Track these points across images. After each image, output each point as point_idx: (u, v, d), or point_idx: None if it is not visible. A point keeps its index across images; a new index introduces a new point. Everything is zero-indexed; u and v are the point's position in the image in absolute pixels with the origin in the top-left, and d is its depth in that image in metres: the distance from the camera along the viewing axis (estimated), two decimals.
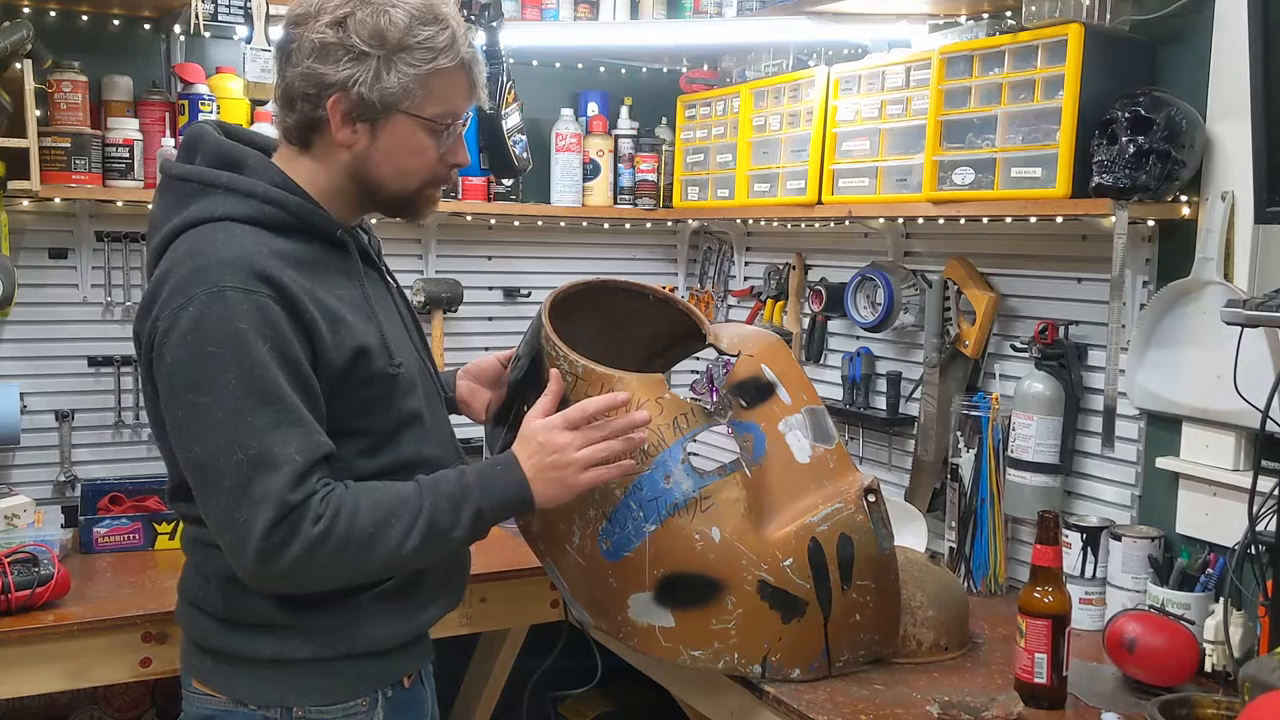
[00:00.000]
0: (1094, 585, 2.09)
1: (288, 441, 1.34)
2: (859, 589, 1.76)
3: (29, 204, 2.52)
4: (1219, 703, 1.60)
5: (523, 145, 2.58)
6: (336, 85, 1.41)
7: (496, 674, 2.77)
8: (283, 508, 1.32)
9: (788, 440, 1.79)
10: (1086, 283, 2.22)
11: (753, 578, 1.70)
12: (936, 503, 2.48)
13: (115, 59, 2.59)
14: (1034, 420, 2.18)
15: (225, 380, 1.33)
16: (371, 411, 1.48)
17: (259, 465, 1.33)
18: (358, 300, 1.49)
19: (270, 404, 1.34)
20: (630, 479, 1.66)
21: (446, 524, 1.43)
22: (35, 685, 2.04)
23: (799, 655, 1.76)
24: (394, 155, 1.47)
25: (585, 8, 2.88)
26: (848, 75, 2.47)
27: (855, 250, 2.78)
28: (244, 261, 1.36)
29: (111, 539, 2.41)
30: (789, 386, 1.83)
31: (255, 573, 1.36)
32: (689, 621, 1.72)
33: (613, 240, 3.27)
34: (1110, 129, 1.92)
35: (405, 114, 1.44)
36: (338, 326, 1.42)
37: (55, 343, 2.63)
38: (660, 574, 1.70)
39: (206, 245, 1.39)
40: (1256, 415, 1.73)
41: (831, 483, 1.79)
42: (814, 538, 1.72)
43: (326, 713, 1.49)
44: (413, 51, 1.42)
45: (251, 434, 1.33)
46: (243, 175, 1.45)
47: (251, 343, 1.34)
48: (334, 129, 1.44)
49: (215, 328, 1.34)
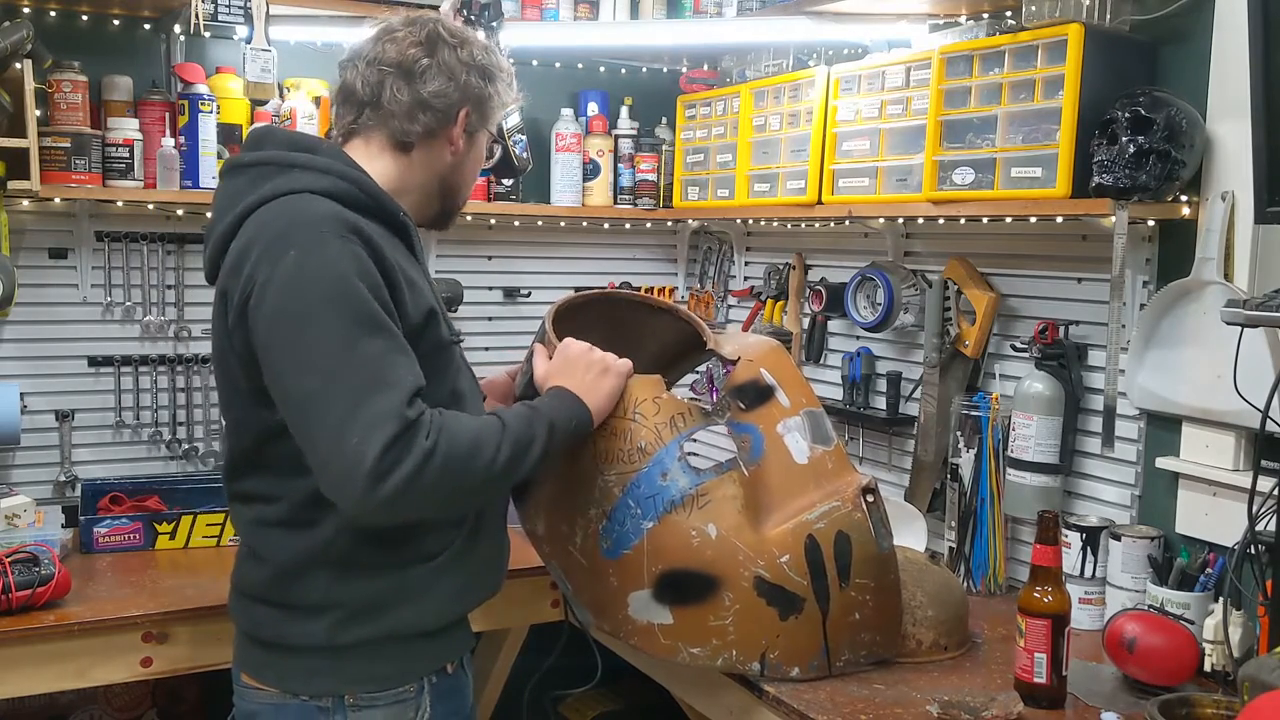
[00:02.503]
0: (1094, 585, 2.09)
1: (398, 366, 1.41)
2: (858, 587, 1.76)
3: (29, 204, 2.52)
4: (1218, 702, 1.60)
5: (523, 145, 2.58)
6: (471, 99, 1.64)
7: (497, 673, 2.77)
8: (402, 422, 1.36)
9: (786, 441, 1.80)
10: (1086, 283, 2.22)
11: (749, 574, 1.71)
12: (936, 503, 2.48)
13: (115, 59, 2.59)
14: (1034, 420, 2.18)
15: (333, 315, 1.40)
16: (432, 378, 1.51)
17: (375, 387, 1.38)
18: (416, 275, 1.59)
19: (380, 333, 1.42)
20: (629, 477, 1.68)
21: (528, 436, 1.51)
22: (35, 685, 2.04)
23: (798, 653, 1.76)
24: (475, 164, 1.73)
25: (585, 8, 2.88)
26: (848, 75, 2.47)
27: (855, 250, 2.78)
28: (338, 218, 1.47)
29: (112, 539, 2.41)
30: (788, 390, 1.84)
31: (364, 497, 1.36)
32: (687, 618, 1.73)
33: (613, 240, 3.27)
34: (1110, 129, 1.92)
35: (487, 131, 1.71)
36: (413, 287, 1.53)
37: (55, 343, 2.63)
38: (658, 571, 1.71)
39: (295, 209, 1.48)
40: (1256, 415, 1.73)
41: (830, 483, 1.80)
42: (811, 534, 1.73)
43: (378, 699, 1.55)
44: (502, 80, 1.69)
45: (365, 360, 1.39)
46: (318, 155, 1.56)
47: (354, 282, 1.42)
48: (454, 136, 1.65)
49: (319, 269, 1.42)
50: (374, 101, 1.61)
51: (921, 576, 1.97)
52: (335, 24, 2.62)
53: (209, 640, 2.09)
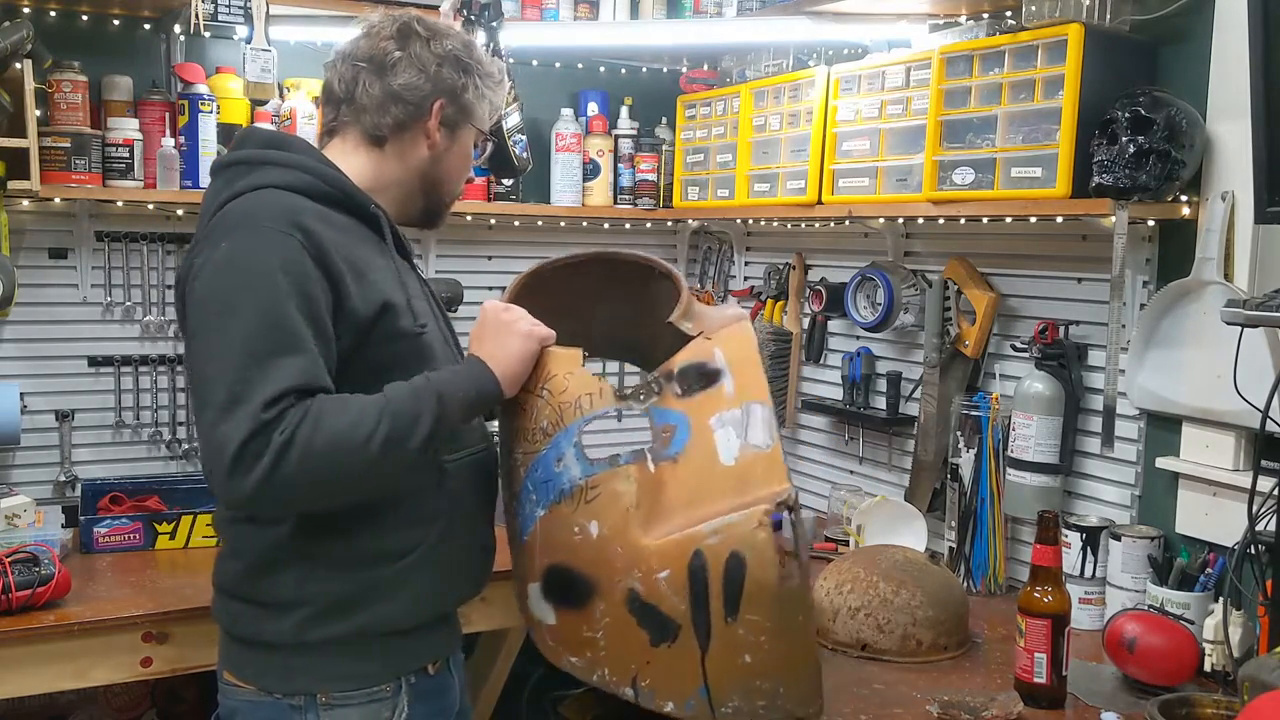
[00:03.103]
0: (1094, 585, 2.09)
1: (283, 366, 1.40)
2: (748, 625, 1.44)
3: (29, 204, 2.52)
4: (1218, 702, 1.60)
5: (523, 145, 2.58)
6: (445, 92, 1.63)
7: (496, 673, 2.77)
8: (256, 421, 1.36)
9: (716, 437, 1.50)
10: (1086, 283, 2.22)
11: (623, 585, 1.48)
12: (936, 503, 2.48)
13: (115, 59, 2.59)
14: (1034, 420, 2.18)
15: (245, 306, 1.41)
16: (396, 369, 1.51)
17: (253, 382, 1.38)
18: (387, 270, 1.58)
19: (279, 331, 1.41)
20: (530, 458, 1.56)
21: (412, 411, 1.45)
22: (35, 685, 2.04)
23: (671, 686, 1.49)
24: (460, 159, 1.70)
25: (585, 8, 2.88)
26: (848, 75, 2.47)
27: (855, 250, 2.78)
28: (285, 213, 1.48)
29: (112, 539, 2.41)
30: (739, 377, 1.55)
31: (225, 487, 1.37)
32: (567, 622, 1.56)
33: (613, 240, 3.26)
34: (1110, 129, 1.92)
35: (473, 127, 1.69)
36: (363, 280, 1.51)
37: (55, 343, 2.63)
38: (545, 564, 1.56)
39: (252, 203, 1.50)
40: (1256, 415, 1.73)
41: (752, 492, 1.45)
42: (699, 550, 1.43)
43: (351, 698, 1.54)
44: (490, 75, 1.68)
45: (253, 358, 1.39)
46: (288, 152, 1.58)
47: (275, 275, 1.42)
48: (430, 129, 1.63)
49: (244, 260, 1.44)
50: (349, 97, 1.62)
51: (921, 576, 1.97)
52: (335, 24, 2.62)
53: (209, 640, 2.06)
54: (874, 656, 1.93)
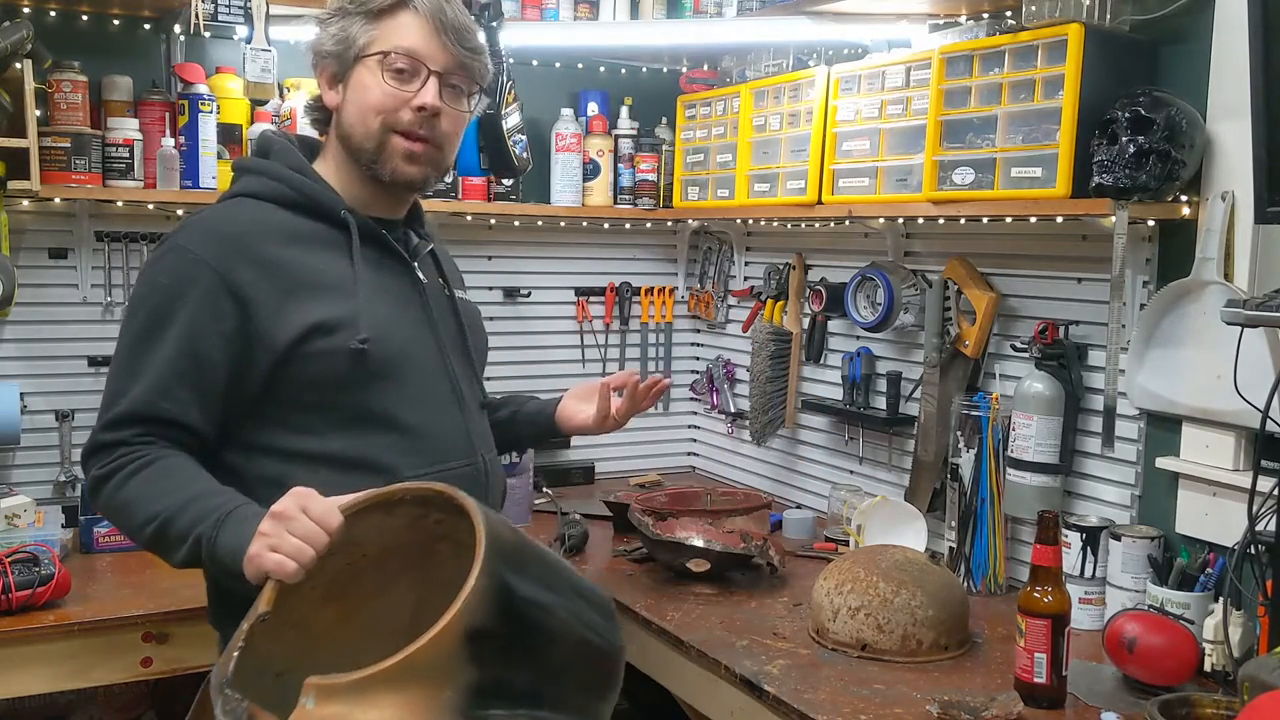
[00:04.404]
0: (1094, 585, 2.09)
1: (132, 388, 1.48)
2: None
3: (29, 204, 2.52)
4: (1218, 702, 1.60)
5: (523, 145, 2.57)
6: (317, 54, 1.64)
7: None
8: (93, 442, 1.50)
9: None
10: (1086, 283, 2.22)
11: None
12: (936, 503, 2.48)
13: (115, 59, 2.59)
14: (1034, 420, 2.18)
15: (136, 318, 1.52)
16: (338, 385, 1.52)
17: (113, 399, 1.50)
18: (341, 278, 1.56)
19: (143, 353, 1.48)
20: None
21: (174, 536, 1.39)
22: (35, 685, 2.04)
23: None
24: (357, 99, 1.60)
25: (585, 8, 2.88)
26: (848, 75, 2.47)
27: (855, 250, 2.78)
28: (218, 230, 1.54)
29: (112, 539, 2.41)
30: None
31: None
32: None
33: (613, 240, 3.27)
34: (1110, 129, 1.92)
35: (362, 61, 1.59)
36: (293, 299, 1.51)
37: (55, 343, 2.63)
38: None
39: (198, 217, 1.57)
40: (1256, 415, 1.73)
41: None
42: None
43: None
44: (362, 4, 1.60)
45: (124, 370, 1.50)
46: (268, 159, 1.63)
47: (159, 297, 1.50)
48: (326, 99, 1.64)
49: (146, 275, 1.55)
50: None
51: (921, 576, 1.97)
52: None
53: (209, 640, 2.06)
54: (874, 656, 1.93)
